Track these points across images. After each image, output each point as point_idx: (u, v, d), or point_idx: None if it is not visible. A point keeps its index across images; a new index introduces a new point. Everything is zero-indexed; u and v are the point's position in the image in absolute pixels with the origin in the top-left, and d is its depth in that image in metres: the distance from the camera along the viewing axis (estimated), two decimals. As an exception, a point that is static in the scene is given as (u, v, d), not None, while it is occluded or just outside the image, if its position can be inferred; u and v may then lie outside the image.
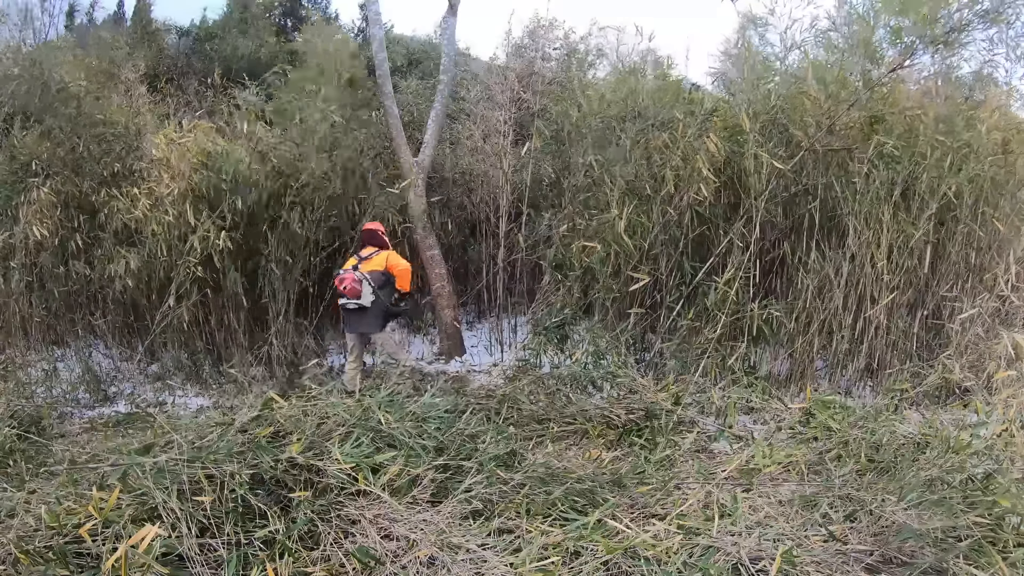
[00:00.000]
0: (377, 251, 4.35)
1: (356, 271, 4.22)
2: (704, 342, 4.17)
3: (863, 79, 4.22)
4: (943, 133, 4.10)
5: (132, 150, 5.13)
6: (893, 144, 4.07)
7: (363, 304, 4.16)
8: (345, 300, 4.19)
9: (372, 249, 4.37)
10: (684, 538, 2.00)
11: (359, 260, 4.31)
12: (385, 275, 4.27)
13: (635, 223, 4.41)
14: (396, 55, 9.77)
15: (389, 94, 5.07)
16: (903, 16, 4.22)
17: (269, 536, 1.95)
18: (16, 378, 4.38)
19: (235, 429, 2.41)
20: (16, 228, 4.82)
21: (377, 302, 4.20)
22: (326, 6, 13.08)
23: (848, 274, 4.16)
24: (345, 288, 4.12)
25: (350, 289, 4.12)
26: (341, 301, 4.23)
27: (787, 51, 4.76)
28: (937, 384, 3.83)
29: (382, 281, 4.24)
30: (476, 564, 1.89)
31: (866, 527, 2.15)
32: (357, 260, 4.32)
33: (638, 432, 3.25)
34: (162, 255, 4.64)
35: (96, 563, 1.79)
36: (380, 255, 4.33)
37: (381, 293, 4.21)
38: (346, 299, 4.17)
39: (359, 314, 4.23)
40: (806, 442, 3.02)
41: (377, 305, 4.21)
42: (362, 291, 4.15)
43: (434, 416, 2.73)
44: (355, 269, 4.24)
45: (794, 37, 4.59)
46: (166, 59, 9.24)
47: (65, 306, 5.09)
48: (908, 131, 4.23)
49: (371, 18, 5.37)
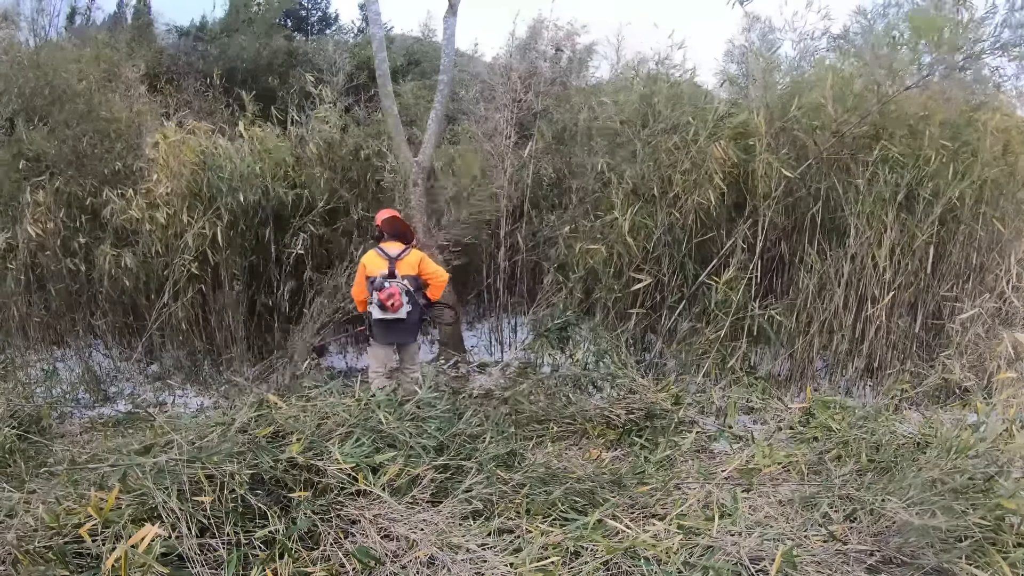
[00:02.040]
0: (406, 249, 3.82)
1: (396, 280, 3.68)
2: (705, 343, 4.17)
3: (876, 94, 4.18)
4: (947, 137, 4.09)
5: (133, 149, 5.14)
6: (899, 150, 4.05)
7: (401, 316, 3.67)
8: (383, 315, 3.64)
9: (398, 245, 3.82)
10: (684, 538, 2.00)
11: (390, 261, 3.73)
12: (417, 280, 3.79)
13: (639, 225, 4.41)
14: (396, 55, 9.77)
15: (389, 94, 5.07)
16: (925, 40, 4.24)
17: (269, 536, 1.94)
18: (16, 378, 4.38)
19: (235, 429, 2.41)
20: (18, 227, 4.81)
21: (413, 310, 3.72)
22: (326, 6, 13.08)
23: (849, 274, 4.16)
24: (392, 304, 3.58)
25: (398, 305, 3.60)
26: (378, 314, 3.65)
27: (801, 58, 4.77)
28: (937, 384, 3.84)
29: (416, 285, 3.77)
30: (476, 564, 1.89)
31: (866, 527, 2.15)
32: (388, 261, 3.73)
33: (638, 432, 3.25)
34: (159, 254, 4.65)
35: (96, 563, 1.79)
36: (412, 255, 3.81)
37: (416, 296, 3.76)
38: (386, 313, 3.63)
39: (397, 325, 3.70)
40: (806, 442, 3.03)
41: (413, 313, 3.72)
42: (404, 302, 3.66)
43: (434, 416, 2.73)
44: (392, 276, 3.70)
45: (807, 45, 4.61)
46: (166, 59, 9.23)
47: (65, 306, 5.10)
48: (911, 134, 4.21)
49: (371, 18, 5.37)
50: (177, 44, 10.50)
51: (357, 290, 3.88)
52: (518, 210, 5.58)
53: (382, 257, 3.76)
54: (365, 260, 3.81)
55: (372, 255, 3.80)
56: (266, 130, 5.25)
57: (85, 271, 4.95)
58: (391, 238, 3.87)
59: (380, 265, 3.74)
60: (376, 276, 3.69)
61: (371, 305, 3.70)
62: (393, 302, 3.58)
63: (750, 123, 4.33)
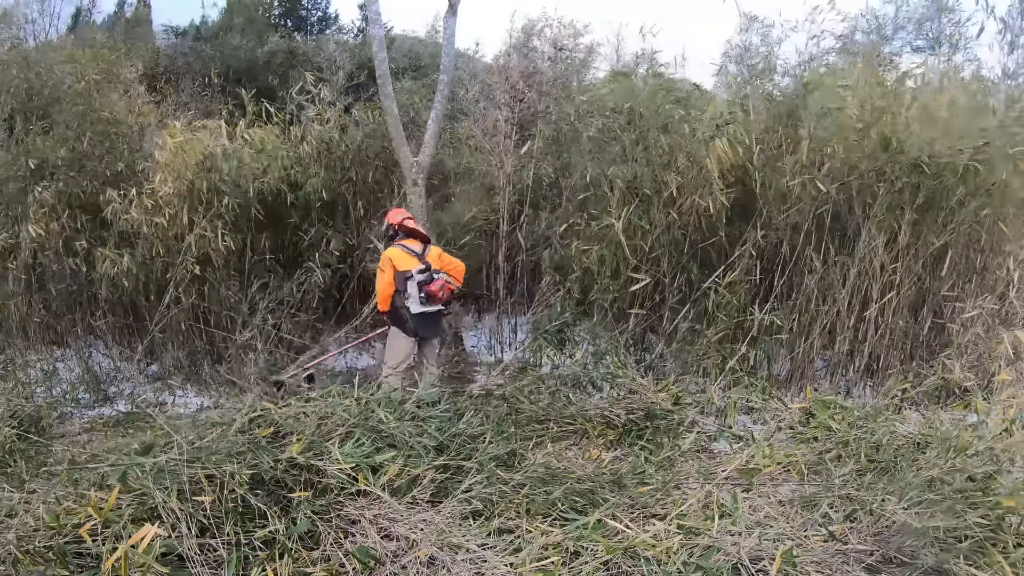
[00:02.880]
0: (425, 246, 3.94)
1: (438, 272, 3.80)
2: (706, 344, 4.17)
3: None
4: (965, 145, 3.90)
5: (134, 150, 5.13)
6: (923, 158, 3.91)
7: (440, 308, 3.84)
8: (424, 308, 3.74)
9: (417, 244, 3.91)
10: (684, 538, 1.99)
11: (419, 256, 3.83)
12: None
13: (635, 225, 4.39)
14: (397, 55, 9.77)
15: (389, 94, 5.06)
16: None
17: (269, 536, 1.94)
18: (16, 378, 4.37)
19: (235, 429, 2.41)
20: (21, 228, 4.81)
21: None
22: (326, 6, 13.05)
23: (854, 276, 4.13)
24: (443, 295, 3.73)
25: (448, 296, 3.79)
26: (418, 308, 3.74)
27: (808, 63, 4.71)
28: (937, 384, 3.83)
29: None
30: (476, 564, 1.89)
31: (866, 527, 2.15)
32: (417, 257, 3.82)
33: (639, 433, 3.25)
34: (160, 254, 4.64)
35: (96, 563, 1.79)
36: (432, 251, 3.94)
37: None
38: (427, 306, 3.74)
39: (434, 317, 3.86)
40: (806, 442, 3.03)
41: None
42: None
43: (434, 416, 2.73)
44: (428, 269, 3.78)
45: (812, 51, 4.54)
46: (164, 59, 9.23)
47: (65, 306, 5.09)
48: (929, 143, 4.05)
49: (371, 18, 5.36)
50: (175, 44, 10.49)
51: (384, 286, 3.83)
52: (517, 210, 5.59)
53: (410, 254, 3.80)
54: (392, 257, 3.80)
55: (399, 252, 3.81)
56: (265, 129, 5.25)
57: (86, 271, 4.94)
58: (406, 236, 3.91)
59: (411, 261, 3.77)
60: (411, 271, 3.73)
61: (408, 299, 3.74)
62: (443, 293, 3.70)
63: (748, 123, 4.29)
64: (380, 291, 3.86)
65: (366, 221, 5.45)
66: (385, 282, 3.80)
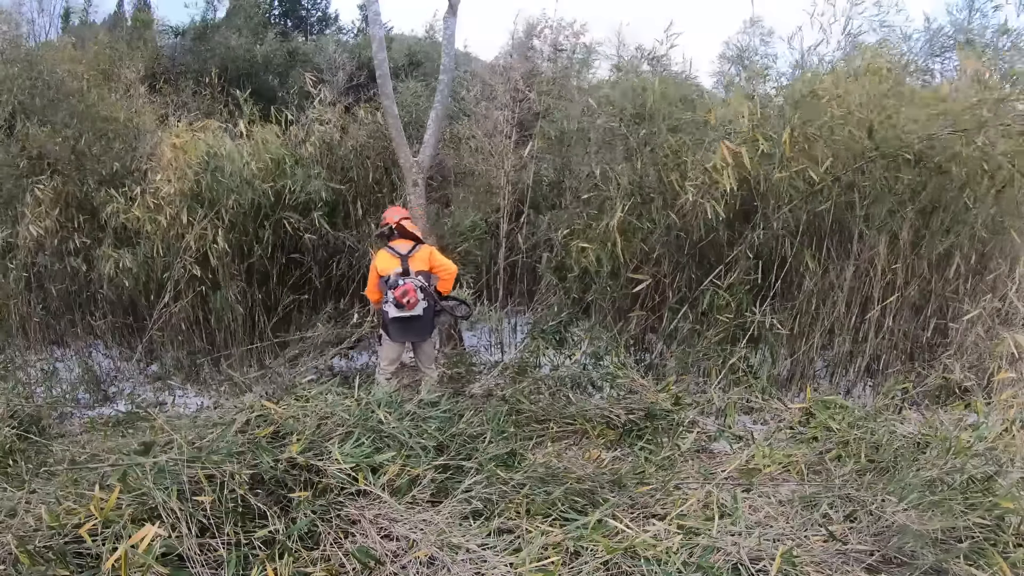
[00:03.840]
0: (415, 246, 3.81)
1: (410, 277, 3.67)
2: (706, 345, 4.16)
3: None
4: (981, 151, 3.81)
5: (132, 150, 5.13)
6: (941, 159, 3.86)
7: (417, 313, 3.67)
8: (400, 312, 3.63)
9: (408, 243, 3.81)
10: (684, 538, 2.00)
11: (402, 258, 3.73)
12: (429, 275, 3.79)
13: (635, 225, 4.38)
14: (397, 55, 9.76)
15: (389, 94, 5.06)
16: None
17: (269, 536, 1.95)
18: (16, 378, 4.38)
19: (235, 429, 2.41)
20: (18, 227, 4.81)
21: (428, 306, 3.73)
22: (326, 6, 13.08)
23: (855, 277, 4.13)
24: (408, 302, 3.57)
25: (414, 302, 3.60)
26: (394, 313, 3.65)
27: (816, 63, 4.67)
28: (937, 384, 3.83)
29: (430, 281, 3.79)
30: (476, 564, 1.89)
31: (866, 527, 2.15)
32: (400, 259, 3.72)
33: (639, 433, 3.25)
34: (159, 254, 4.64)
35: (96, 563, 1.79)
36: (422, 251, 3.80)
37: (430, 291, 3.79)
38: (402, 311, 3.62)
39: (413, 322, 3.71)
40: (806, 442, 3.02)
41: (428, 309, 3.73)
42: (419, 299, 3.67)
43: (434, 416, 2.73)
44: (406, 273, 3.69)
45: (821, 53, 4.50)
46: (163, 59, 9.23)
47: (64, 306, 5.10)
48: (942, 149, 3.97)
49: (371, 18, 5.35)
50: (174, 44, 10.49)
51: (371, 291, 3.89)
52: (517, 211, 5.58)
53: (393, 256, 3.75)
54: (376, 260, 3.80)
55: (383, 254, 3.79)
56: (265, 129, 5.25)
57: (85, 271, 4.94)
58: (400, 236, 3.86)
59: (392, 263, 3.73)
60: (390, 274, 3.69)
61: (386, 304, 3.69)
62: (408, 299, 3.57)
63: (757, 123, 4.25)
64: (368, 295, 3.95)
65: (366, 221, 5.45)
66: (370, 286, 3.86)
